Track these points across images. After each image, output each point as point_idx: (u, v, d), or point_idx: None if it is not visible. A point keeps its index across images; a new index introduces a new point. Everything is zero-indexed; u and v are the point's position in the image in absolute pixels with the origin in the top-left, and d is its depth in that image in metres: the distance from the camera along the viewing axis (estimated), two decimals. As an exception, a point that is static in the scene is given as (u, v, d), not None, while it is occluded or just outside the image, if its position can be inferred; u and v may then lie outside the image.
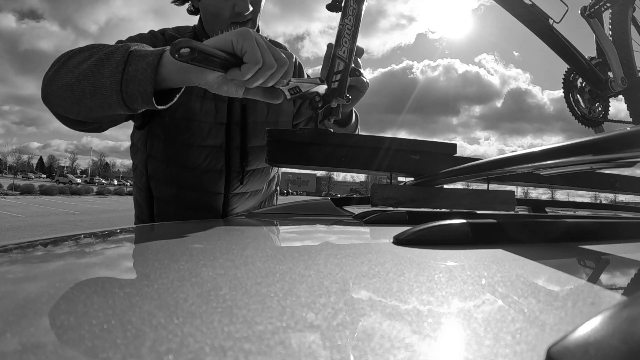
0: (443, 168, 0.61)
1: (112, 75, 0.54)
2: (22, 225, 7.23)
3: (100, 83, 0.55)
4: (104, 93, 0.55)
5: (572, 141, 0.30)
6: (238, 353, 0.13)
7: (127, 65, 0.54)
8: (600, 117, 1.39)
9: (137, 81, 0.53)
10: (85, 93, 0.57)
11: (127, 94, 0.54)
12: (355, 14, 0.67)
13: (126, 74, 0.54)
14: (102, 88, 0.55)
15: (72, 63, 0.60)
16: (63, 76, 0.60)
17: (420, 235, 0.35)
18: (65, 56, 0.63)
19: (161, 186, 0.88)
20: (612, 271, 0.29)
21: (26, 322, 0.15)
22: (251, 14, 0.79)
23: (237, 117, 0.86)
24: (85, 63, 0.58)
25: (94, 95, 0.56)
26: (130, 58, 0.55)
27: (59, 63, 0.62)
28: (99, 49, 0.60)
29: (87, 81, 0.57)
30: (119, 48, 0.57)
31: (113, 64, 0.55)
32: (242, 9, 0.77)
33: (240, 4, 0.77)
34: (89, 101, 0.57)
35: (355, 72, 0.70)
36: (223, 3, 0.77)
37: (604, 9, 1.37)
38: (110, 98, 0.55)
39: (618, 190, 0.82)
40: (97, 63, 0.56)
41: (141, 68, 0.53)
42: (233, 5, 0.77)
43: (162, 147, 0.85)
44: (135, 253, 0.34)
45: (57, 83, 0.60)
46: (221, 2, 0.77)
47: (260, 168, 0.92)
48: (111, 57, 0.56)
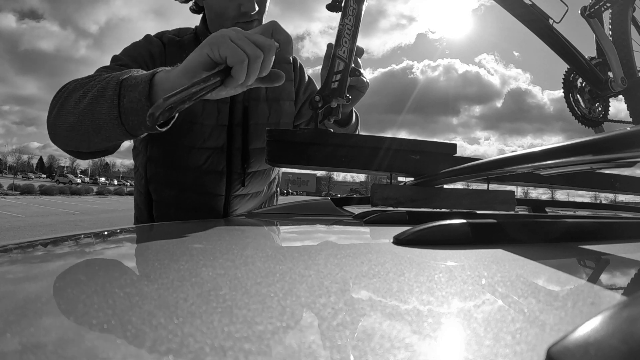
0: (443, 168, 0.61)
1: (110, 111, 0.56)
2: (22, 225, 7.23)
3: (101, 120, 0.57)
4: (106, 129, 0.57)
5: (572, 141, 0.30)
6: (238, 353, 0.13)
7: (122, 97, 0.55)
8: (600, 117, 1.39)
9: (134, 112, 0.55)
10: (89, 131, 0.59)
11: (128, 125, 0.56)
12: (355, 14, 0.67)
13: (122, 107, 0.55)
14: (104, 125, 0.57)
15: (69, 105, 0.61)
16: (64, 119, 0.61)
17: (420, 235, 0.35)
18: (61, 97, 0.64)
19: (161, 189, 0.88)
20: (612, 271, 0.29)
21: (26, 322, 0.15)
22: (257, 14, 0.79)
23: (239, 119, 0.86)
24: (81, 103, 0.59)
25: (98, 132, 0.58)
26: (122, 89, 0.56)
27: (58, 105, 0.63)
28: (91, 85, 0.61)
29: (87, 120, 0.58)
30: (109, 81, 0.58)
31: (108, 100, 0.56)
32: (249, 8, 0.76)
33: (246, 4, 0.76)
34: (95, 137, 0.59)
35: (355, 72, 0.70)
36: (229, 2, 0.76)
37: (604, 9, 1.37)
38: (114, 132, 0.57)
39: (618, 190, 0.82)
40: (92, 101, 0.58)
41: (135, 98, 0.54)
42: (239, 5, 0.76)
43: (163, 149, 0.85)
44: (136, 253, 0.34)
45: (60, 126, 0.62)
46: (227, 2, 0.76)
47: (262, 170, 0.92)
48: (104, 93, 0.57)
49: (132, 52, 0.78)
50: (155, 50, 0.80)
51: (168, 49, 0.81)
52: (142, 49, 0.79)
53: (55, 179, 49.03)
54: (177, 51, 0.82)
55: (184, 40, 0.84)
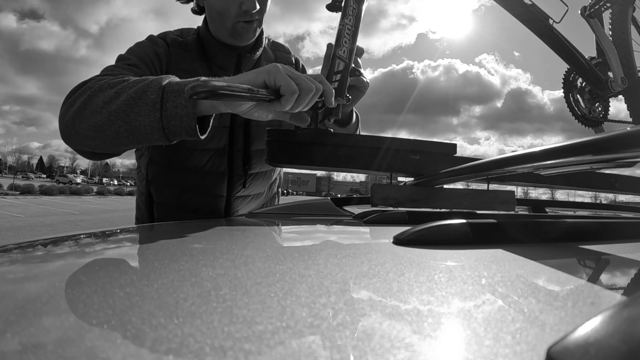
0: (443, 168, 0.61)
1: (150, 114, 0.56)
2: (22, 225, 7.23)
3: (137, 122, 0.57)
4: (142, 131, 0.57)
5: (572, 141, 0.30)
6: (238, 353, 0.13)
7: (164, 102, 0.56)
8: (600, 117, 1.39)
9: (178, 117, 0.55)
10: (120, 132, 0.58)
11: (168, 130, 0.56)
12: (355, 14, 0.67)
13: (165, 111, 0.56)
14: (140, 127, 0.57)
15: (96, 103, 0.60)
16: (89, 117, 0.60)
17: (420, 235, 0.35)
18: (84, 95, 0.62)
19: (162, 190, 0.88)
20: (612, 271, 0.29)
21: (26, 322, 0.15)
22: (258, 13, 0.79)
23: (241, 120, 0.86)
24: (113, 103, 0.58)
25: (131, 134, 0.58)
26: (165, 94, 0.56)
27: (79, 104, 0.62)
28: (124, 85, 0.60)
29: (121, 121, 0.57)
30: (149, 85, 0.57)
31: (149, 103, 0.56)
32: (250, 7, 0.76)
33: (247, 3, 0.76)
34: (125, 139, 0.59)
35: (355, 72, 0.70)
36: (230, 1, 0.76)
37: (604, 9, 1.37)
38: (151, 135, 0.57)
39: (618, 190, 0.82)
40: (130, 102, 0.57)
41: (180, 105, 0.55)
42: (240, 4, 0.76)
43: (164, 151, 0.85)
44: (136, 253, 0.34)
45: (82, 124, 0.61)
46: (228, 1, 0.76)
47: (263, 171, 0.92)
48: (144, 96, 0.57)
49: (138, 52, 0.78)
50: (161, 50, 0.80)
51: (172, 49, 0.82)
52: (148, 49, 0.79)
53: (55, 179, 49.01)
54: (181, 51, 0.82)
55: (188, 40, 0.84)
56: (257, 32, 0.83)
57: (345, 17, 0.67)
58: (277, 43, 0.99)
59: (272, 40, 0.98)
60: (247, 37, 0.81)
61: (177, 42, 0.83)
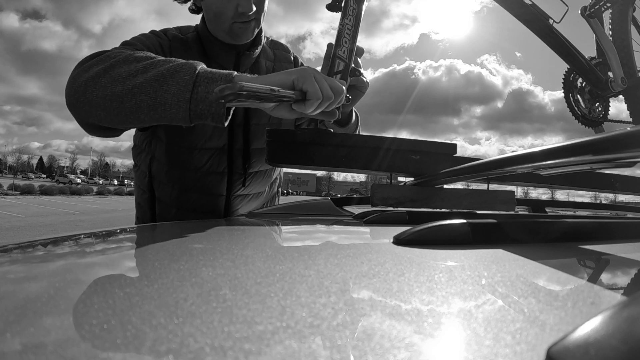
0: (443, 168, 0.61)
1: (180, 94, 0.56)
2: (22, 225, 7.23)
3: (164, 99, 0.57)
4: (166, 109, 0.57)
5: (572, 141, 0.30)
6: (238, 353, 0.13)
7: (196, 86, 0.56)
8: (600, 117, 1.39)
9: (207, 102, 0.56)
10: (141, 106, 0.57)
11: (195, 112, 0.57)
12: (355, 14, 0.67)
13: (195, 94, 0.56)
14: (166, 104, 0.57)
15: (119, 73, 0.59)
16: (107, 86, 0.59)
17: (420, 235, 0.35)
18: (103, 63, 0.61)
19: (163, 188, 0.88)
20: (612, 271, 0.29)
21: (26, 322, 0.15)
22: (255, 14, 0.79)
23: (240, 120, 0.86)
24: (140, 76, 0.58)
25: (152, 109, 0.57)
26: (199, 78, 0.57)
27: (98, 71, 0.60)
28: (154, 62, 0.60)
29: (145, 95, 0.57)
30: (183, 66, 0.58)
31: (181, 83, 0.56)
32: (246, 9, 0.76)
33: (243, 4, 0.76)
34: (143, 114, 0.58)
35: (355, 72, 0.70)
36: (226, 3, 0.76)
37: (604, 9, 1.37)
38: (175, 114, 0.57)
39: (618, 190, 0.82)
40: (159, 79, 0.57)
41: (212, 91, 0.56)
42: (236, 5, 0.76)
43: (165, 149, 0.85)
44: (136, 253, 0.34)
45: (97, 92, 0.59)
46: (224, 2, 0.76)
47: (263, 170, 0.92)
48: (176, 75, 0.57)
49: (145, 41, 0.78)
50: (165, 44, 0.80)
51: (173, 45, 0.82)
52: (154, 40, 0.79)
53: (55, 179, 48.98)
54: (181, 47, 0.82)
55: (188, 37, 0.85)
56: (255, 32, 0.83)
57: (345, 17, 0.67)
58: (277, 42, 1.00)
59: (271, 38, 0.98)
60: (245, 37, 0.82)
61: (177, 38, 0.83)
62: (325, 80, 0.56)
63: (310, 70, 0.56)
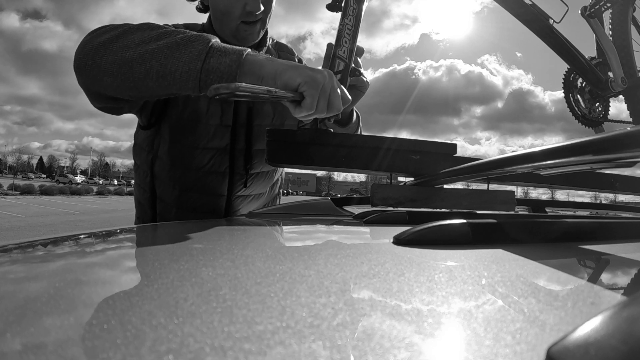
0: (443, 168, 0.61)
1: (192, 63, 0.56)
2: (22, 225, 7.23)
3: (175, 67, 0.56)
4: (175, 77, 0.57)
5: (572, 141, 0.30)
6: (238, 353, 0.13)
7: (208, 57, 0.56)
8: (600, 117, 1.39)
9: (219, 73, 0.56)
10: (149, 73, 0.57)
11: (204, 82, 0.56)
12: (355, 14, 0.67)
13: (207, 64, 0.56)
14: (176, 72, 0.56)
15: (131, 39, 0.59)
16: (118, 51, 0.59)
17: (420, 235, 0.35)
18: (116, 29, 0.61)
19: (165, 187, 0.88)
20: (612, 271, 0.29)
21: (26, 322, 0.15)
22: (262, 13, 0.79)
23: (243, 120, 0.86)
24: (152, 43, 0.58)
25: (161, 77, 0.57)
26: (212, 50, 0.56)
27: (110, 36, 0.60)
28: (168, 31, 0.60)
29: (155, 61, 0.57)
30: (197, 37, 0.58)
31: (194, 52, 0.56)
32: (254, 8, 0.76)
33: (251, 3, 0.76)
34: (152, 81, 0.58)
35: (355, 72, 0.70)
36: (234, 2, 0.76)
37: (604, 9, 1.37)
38: (184, 83, 0.57)
39: (618, 190, 0.82)
40: (172, 47, 0.57)
41: (225, 63, 0.56)
42: (244, 4, 0.76)
43: (167, 147, 0.85)
44: (136, 253, 0.34)
45: (107, 57, 0.59)
46: (232, 1, 0.77)
47: (264, 171, 0.92)
48: (190, 45, 0.57)
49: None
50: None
51: None
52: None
53: (55, 179, 48.95)
54: None
55: None
56: (260, 34, 0.83)
57: (346, 17, 0.67)
58: (281, 44, 0.99)
59: (276, 40, 0.98)
60: (251, 38, 0.82)
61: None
62: (331, 93, 0.56)
63: (321, 79, 0.55)
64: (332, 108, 0.57)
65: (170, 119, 0.83)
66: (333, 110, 0.57)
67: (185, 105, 0.82)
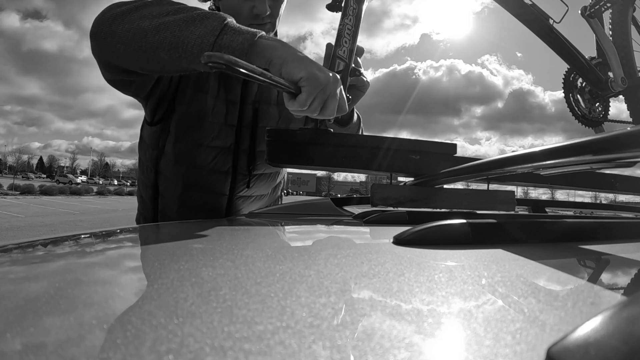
0: (443, 168, 0.61)
1: (205, 37, 0.57)
2: (22, 225, 7.23)
3: (188, 39, 0.57)
4: (187, 49, 0.57)
5: (572, 141, 0.30)
6: (238, 353, 0.13)
7: (222, 34, 0.57)
8: (600, 117, 1.39)
9: (230, 50, 0.56)
10: (162, 43, 0.58)
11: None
12: (355, 14, 0.67)
13: (220, 40, 0.57)
14: (189, 44, 0.57)
15: (148, 11, 0.61)
16: (135, 20, 0.60)
17: (420, 235, 0.35)
18: (134, 3, 0.63)
19: (168, 184, 0.88)
20: (612, 271, 0.29)
21: (26, 322, 0.15)
22: (269, 17, 0.79)
23: (248, 120, 0.87)
24: (170, 16, 0.59)
25: (173, 48, 0.58)
26: (226, 28, 0.57)
27: (131, 6, 0.62)
28: (187, 7, 0.61)
29: (169, 32, 0.58)
30: (213, 15, 0.59)
31: (208, 27, 0.57)
32: (261, 11, 0.77)
33: (259, 6, 0.77)
34: (163, 52, 0.59)
35: (355, 72, 0.70)
36: (242, 4, 0.78)
37: (604, 9, 1.37)
38: (196, 57, 0.57)
39: (618, 190, 0.82)
40: (188, 20, 0.58)
41: (237, 41, 0.56)
42: (252, 7, 0.77)
43: (173, 143, 0.85)
44: (136, 253, 0.34)
45: (124, 25, 0.61)
46: (240, 3, 0.78)
47: (267, 173, 0.93)
48: (205, 21, 0.58)
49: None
50: None
51: None
52: None
53: (55, 179, 48.92)
54: None
55: None
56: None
57: (346, 17, 0.67)
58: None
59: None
60: None
61: None
62: (329, 97, 0.55)
63: (324, 81, 0.54)
64: (325, 112, 0.57)
65: (177, 115, 0.84)
66: (325, 114, 0.57)
67: (192, 102, 0.83)
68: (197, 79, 0.83)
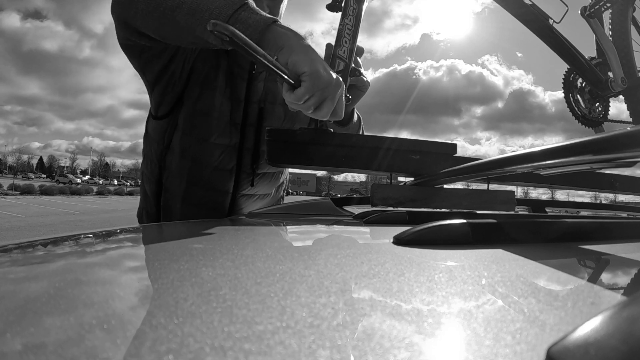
0: (443, 168, 0.61)
1: (224, 8, 0.58)
2: (22, 225, 7.22)
3: (206, 7, 0.58)
4: (204, 17, 0.58)
5: (572, 141, 0.30)
6: (238, 353, 0.13)
7: (241, 10, 0.58)
8: (600, 117, 1.39)
9: (245, 24, 0.57)
10: (182, 8, 0.59)
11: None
12: (355, 14, 0.67)
13: (237, 14, 0.57)
14: (206, 12, 0.58)
15: None
16: None
17: (420, 235, 0.35)
18: None
19: (172, 180, 0.88)
20: (612, 271, 0.29)
21: (26, 322, 0.15)
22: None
23: (253, 119, 0.87)
24: None
25: (191, 14, 0.59)
26: (245, 6, 0.58)
27: None
28: None
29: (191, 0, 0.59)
30: None
31: (229, 2, 0.58)
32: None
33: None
34: (181, 16, 0.60)
35: (355, 72, 0.70)
36: None
37: (604, 9, 1.37)
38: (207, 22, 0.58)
39: (618, 190, 0.82)
40: None
41: (254, 19, 0.57)
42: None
43: (179, 137, 0.85)
44: (136, 253, 0.34)
45: None
46: None
47: (271, 172, 0.93)
48: None
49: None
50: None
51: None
52: None
53: (55, 179, 48.90)
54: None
55: None
56: None
57: (346, 17, 0.67)
58: None
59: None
60: None
61: None
62: (327, 99, 0.55)
63: (326, 81, 0.54)
64: (318, 112, 0.56)
65: (185, 109, 0.84)
66: (319, 115, 0.57)
67: (200, 98, 0.83)
68: (206, 76, 0.83)
